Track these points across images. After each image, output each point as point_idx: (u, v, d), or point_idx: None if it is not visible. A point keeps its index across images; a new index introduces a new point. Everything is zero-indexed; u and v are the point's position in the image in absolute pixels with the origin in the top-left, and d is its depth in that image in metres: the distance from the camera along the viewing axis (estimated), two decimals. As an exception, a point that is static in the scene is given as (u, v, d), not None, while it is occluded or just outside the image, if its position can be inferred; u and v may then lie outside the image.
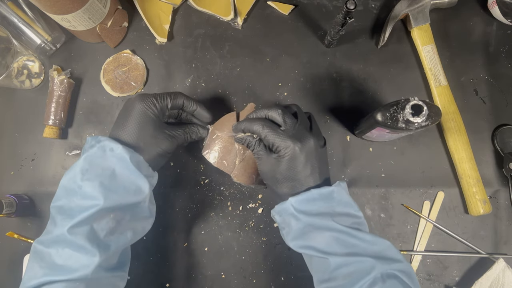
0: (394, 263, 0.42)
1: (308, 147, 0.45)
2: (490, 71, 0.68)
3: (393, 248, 0.44)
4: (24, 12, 0.64)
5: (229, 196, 0.64)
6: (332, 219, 0.43)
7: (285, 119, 0.47)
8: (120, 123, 0.48)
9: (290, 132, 0.46)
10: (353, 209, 0.45)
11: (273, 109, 0.48)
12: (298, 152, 0.45)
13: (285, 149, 0.45)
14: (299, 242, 0.44)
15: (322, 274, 0.44)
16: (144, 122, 0.47)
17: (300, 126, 0.47)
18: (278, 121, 0.48)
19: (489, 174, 0.64)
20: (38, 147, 0.66)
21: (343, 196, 0.45)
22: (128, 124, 0.47)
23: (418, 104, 0.49)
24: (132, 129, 0.47)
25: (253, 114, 0.51)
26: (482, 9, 0.70)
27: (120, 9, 0.66)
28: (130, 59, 0.67)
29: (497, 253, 0.62)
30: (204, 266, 0.62)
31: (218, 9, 0.69)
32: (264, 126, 0.46)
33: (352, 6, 0.53)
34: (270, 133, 0.46)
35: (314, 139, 0.46)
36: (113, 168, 0.43)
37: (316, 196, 0.44)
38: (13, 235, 0.62)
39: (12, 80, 0.65)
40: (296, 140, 0.45)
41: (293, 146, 0.44)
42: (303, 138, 0.45)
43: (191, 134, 0.54)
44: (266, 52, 0.69)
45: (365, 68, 0.68)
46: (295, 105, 0.52)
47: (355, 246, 0.42)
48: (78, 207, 0.42)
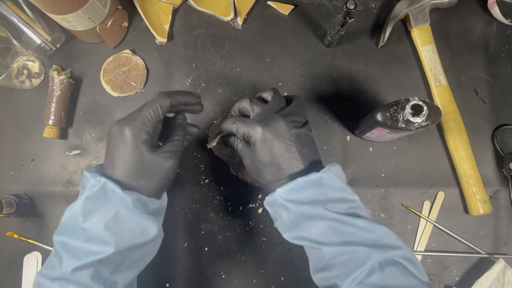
0: (393, 250, 0.40)
1: (278, 128, 0.43)
2: (490, 71, 0.68)
3: (391, 234, 0.41)
4: (24, 12, 0.64)
5: (229, 196, 0.64)
6: (324, 207, 0.40)
7: (252, 107, 0.46)
8: (113, 160, 0.42)
9: (258, 117, 0.45)
10: (347, 193, 0.42)
11: (242, 100, 0.48)
12: (268, 135, 0.43)
13: (254, 134, 0.43)
14: (292, 233, 0.42)
15: (317, 263, 0.43)
16: (138, 155, 0.41)
17: (269, 110, 0.45)
18: (248, 111, 0.47)
19: (489, 174, 0.64)
20: (38, 147, 0.66)
21: (334, 181, 0.42)
22: (121, 161, 0.41)
23: (418, 104, 0.49)
24: (128, 167, 0.41)
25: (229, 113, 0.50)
26: (482, 9, 0.70)
27: (120, 9, 0.66)
28: (130, 59, 0.67)
29: (497, 253, 0.62)
30: (204, 266, 0.62)
31: (218, 9, 0.69)
32: (235, 120, 0.45)
33: (352, 6, 0.53)
34: (240, 124, 0.45)
35: (285, 119, 0.44)
36: (116, 210, 0.40)
37: (304, 184, 0.41)
38: (13, 235, 0.62)
39: (12, 80, 0.65)
40: (263, 123, 0.43)
41: (261, 130, 0.43)
42: (271, 120, 0.44)
43: (187, 140, 0.51)
44: (266, 52, 0.69)
45: (365, 68, 0.68)
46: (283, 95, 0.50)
47: (350, 234, 0.40)
48: (84, 250, 0.39)
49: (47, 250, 0.62)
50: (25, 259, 0.62)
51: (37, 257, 0.62)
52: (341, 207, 0.41)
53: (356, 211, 0.42)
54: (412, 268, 0.39)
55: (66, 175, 0.65)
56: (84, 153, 0.66)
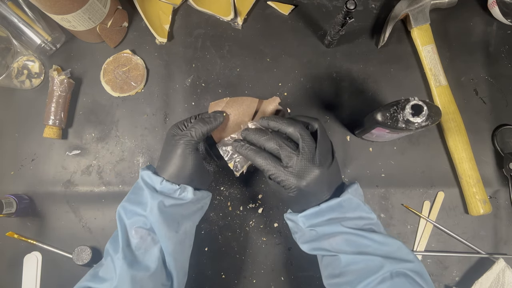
0: (405, 263, 0.42)
1: (312, 178, 0.43)
2: (490, 71, 0.68)
3: (404, 248, 0.44)
4: (24, 12, 0.64)
5: (229, 196, 0.64)
6: (341, 224, 0.43)
7: (284, 152, 0.44)
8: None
9: (293, 170, 0.43)
10: (364, 212, 0.45)
11: (292, 126, 0.45)
12: (302, 188, 0.43)
13: (289, 185, 0.44)
14: (310, 245, 0.46)
15: (332, 270, 0.45)
16: (198, 167, 0.49)
17: (303, 159, 0.43)
18: (277, 149, 0.45)
19: (489, 174, 0.64)
20: (38, 147, 0.66)
21: (352, 202, 0.45)
22: (186, 170, 0.48)
23: (418, 104, 0.49)
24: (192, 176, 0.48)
25: (267, 120, 0.47)
26: (482, 9, 0.70)
27: (120, 9, 0.66)
28: (130, 59, 0.67)
29: (497, 253, 0.62)
30: (204, 266, 0.62)
31: (218, 9, 0.69)
32: (267, 165, 0.44)
33: (352, 6, 0.53)
34: (273, 171, 0.44)
35: (320, 168, 0.43)
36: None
37: (325, 209, 0.44)
38: (13, 235, 0.62)
39: (12, 80, 0.65)
40: (298, 177, 0.43)
41: (295, 183, 0.43)
42: (306, 173, 0.43)
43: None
44: (266, 52, 0.69)
45: (365, 68, 0.68)
46: (314, 122, 0.47)
47: (366, 246, 0.43)
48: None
49: (47, 250, 0.62)
50: (25, 259, 0.62)
51: (37, 257, 0.62)
52: (358, 224, 0.44)
53: (372, 227, 0.45)
54: (421, 281, 0.42)
55: (66, 175, 0.65)
56: (84, 153, 0.66)
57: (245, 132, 0.48)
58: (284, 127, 0.46)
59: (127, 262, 0.43)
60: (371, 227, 0.45)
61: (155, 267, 0.44)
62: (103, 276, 0.44)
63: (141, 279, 0.43)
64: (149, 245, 0.45)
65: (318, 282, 0.61)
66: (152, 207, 0.44)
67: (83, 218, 0.63)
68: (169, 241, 0.45)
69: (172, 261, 0.45)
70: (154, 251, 0.45)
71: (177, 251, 0.46)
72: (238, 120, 0.53)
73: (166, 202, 0.45)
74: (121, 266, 0.43)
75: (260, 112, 0.53)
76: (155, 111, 0.67)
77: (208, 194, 0.52)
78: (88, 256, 0.60)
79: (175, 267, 0.45)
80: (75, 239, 0.62)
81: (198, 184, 0.50)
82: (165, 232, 0.44)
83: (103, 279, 0.44)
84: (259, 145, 0.46)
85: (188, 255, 0.50)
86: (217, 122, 0.50)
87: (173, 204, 0.46)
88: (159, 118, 0.67)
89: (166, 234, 0.44)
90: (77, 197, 0.64)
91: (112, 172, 0.65)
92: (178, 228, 0.46)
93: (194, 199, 0.47)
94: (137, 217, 0.45)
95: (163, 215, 0.45)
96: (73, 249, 0.60)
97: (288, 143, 0.45)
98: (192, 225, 0.49)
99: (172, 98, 0.67)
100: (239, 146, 0.47)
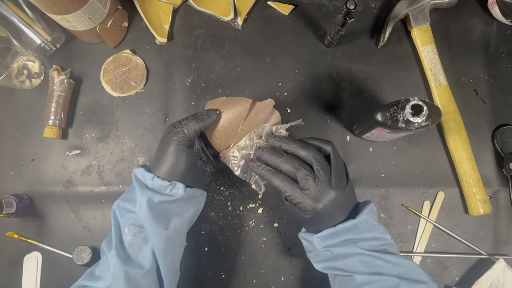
0: (420, 284, 0.43)
1: (328, 201, 0.44)
2: (490, 71, 0.68)
3: (418, 269, 0.44)
4: (24, 12, 0.64)
5: (229, 196, 0.64)
6: (356, 245, 0.44)
7: (301, 176, 0.44)
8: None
9: (310, 191, 0.44)
10: (379, 233, 0.45)
11: (305, 150, 0.46)
12: (320, 210, 0.44)
13: (306, 209, 0.44)
14: (324, 264, 0.46)
15: None
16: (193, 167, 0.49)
17: (319, 181, 0.44)
18: (294, 172, 0.45)
19: (489, 174, 0.64)
20: (38, 147, 0.66)
21: (368, 223, 0.45)
22: (179, 168, 0.48)
23: (418, 104, 0.49)
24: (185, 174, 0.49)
25: (279, 142, 0.47)
26: (482, 9, 0.70)
27: (120, 9, 0.66)
28: (130, 59, 0.67)
29: (497, 253, 0.62)
30: (204, 266, 0.62)
31: (218, 9, 0.69)
32: (284, 186, 0.45)
33: (352, 6, 0.53)
34: (289, 191, 0.44)
35: (337, 190, 0.44)
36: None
37: (341, 230, 0.44)
38: (13, 235, 0.62)
39: (12, 80, 0.65)
40: (316, 201, 0.43)
41: (312, 206, 0.44)
42: (323, 196, 0.43)
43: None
44: (266, 52, 0.69)
45: (365, 68, 0.68)
46: (327, 145, 0.47)
47: (380, 267, 0.43)
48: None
49: (47, 250, 0.62)
50: (25, 259, 0.62)
51: (37, 257, 0.62)
52: (372, 244, 0.44)
53: (386, 247, 0.45)
54: None
55: (66, 175, 0.65)
56: (84, 153, 0.66)
57: (259, 151, 0.48)
58: (297, 151, 0.46)
59: (120, 259, 0.43)
60: (386, 248, 0.45)
61: (150, 265, 0.44)
62: (99, 275, 0.45)
63: (135, 276, 0.43)
64: (142, 242, 0.45)
65: (318, 282, 0.61)
66: (141, 203, 0.45)
67: (83, 218, 0.63)
68: (158, 238, 0.44)
69: (162, 258, 0.45)
70: (147, 249, 0.45)
71: (168, 249, 0.45)
72: (230, 119, 0.53)
73: (156, 199, 0.45)
74: (115, 263, 0.43)
75: (253, 114, 0.53)
76: (155, 111, 0.67)
77: (202, 193, 0.52)
78: (88, 256, 0.60)
79: (164, 264, 0.45)
80: (75, 239, 0.62)
81: (192, 182, 0.50)
82: (154, 228, 0.44)
83: (99, 277, 0.44)
84: (275, 166, 0.46)
85: (179, 254, 0.49)
86: (210, 119, 0.50)
87: (163, 201, 0.46)
88: (159, 118, 0.67)
89: (155, 231, 0.44)
90: (77, 197, 0.64)
91: (112, 172, 0.65)
92: (168, 225, 0.46)
93: (185, 196, 0.47)
94: (130, 215, 0.46)
95: (153, 211, 0.45)
96: (73, 249, 0.60)
97: (304, 165, 0.45)
98: (183, 223, 0.48)
99: (172, 98, 0.67)
100: (255, 166, 0.47)
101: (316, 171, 0.44)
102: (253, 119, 0.52)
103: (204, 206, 0.63)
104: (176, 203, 0.47)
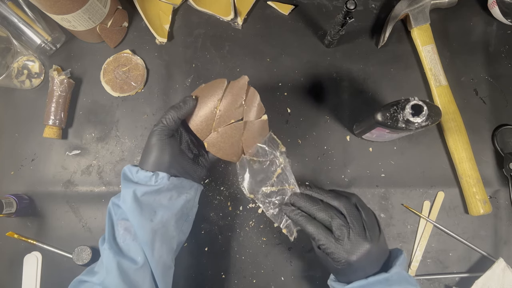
0: None
1: (364, 254, 0.43)
2: (490, 71, 0.68)
3: None
4: (24, 12, 0.64)
5: (229, 196, 0.64)
6: None
7: (336, 226, 0.44)
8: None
9: (344, 242, 0.43)
10: (410, 284, 0.44)
11: (337, 199, 0.45)
12: (353, 263, 0.43)
13: (338, 260, 0.44)
14: None
15: None
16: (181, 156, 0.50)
17: (353, 233, 0.43)
18: (329, 226, 0.45)
19: (489, 174, 0.64)
20: (38, 147, 0.66)
21: (400, 276, 0.44)
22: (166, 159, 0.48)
23: (418, 104, 0.49)
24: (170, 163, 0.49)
25: (312, 192, 0.47)
26: (482, 9, 0.70)
27: (120, 9, 0.66)
28: (130, 59, 0.67)
29: (497, 253, 0.62)
30: (204, 266, 0.62)
31: (218, 9, 0.69)
32: (319, 230, 0.44)
33: (352, 6, 0.53)
34: (323, 239, 0.44)
35: (371, 243, 0.43)
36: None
37: (372, 282, 0.43)
38: (13, 235, 0.62)
39: (12, 80, 0.65)
40: (350, 253, 0.43)
41: (347, 258, 0.43)
42: (357, 248, 0.43)
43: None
44: (266, 52, 0.69)
45: (365, 68, 0.68)
46: (352, 197, 0.47)
47: None
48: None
49: (47, 250, 0.62)
50: (25, 259, 0.62)
51: (37, 257, 0.62)
52: None
53: None
54: None
55: (66, 175, 0.65)
56: (84, 153, 0.66)
57: (293, 197, 0.48)
58: (328, 200, 0.46)
59: (113, 252, 0.44)
60: None
61: (143, 260, 0.44)
62: (97, 270, 0.45)
63: (128, 268, 0.43)
64: (133, 236, 0.45)
65: (318, 282, 0.61)
66: (125, 196, 0.45)
67: (83, 218, 0.63)
68: (142, 229, 0.44)
69: (149, 251, 0.44)
70: (138, 243, 0.45)
71: (154, 241, 0.45)
72: (208, 103, 0.51)
73: (140, 190, 0.45)
74: (107, 255, 0.44)
75: (228, 93, 0.51)
76: (155, 111, 0.67)
77: (192, 184, 0.51)
78: (88, 256, 0.60)
79: (152, 257, 0.45)
80: (75, 239, 0.62)
81: (182, 173, 0.50)
82: (138, 220, 0.44)
83: (96, 272, 0.45)
84: (310, 213, 0.46)
85: (170, 248, 0.48)
86: (188, 106, 0.49)
87: (147, 192, 0.46)
88: (159, 118, 0.66)
89: (139, 222, 0.44)
90: (77, 197, 0.64)
91: (112, 172, 0.65)
92: (153, 216, 0.46)
93: (170, 185, 0.47)
94: (120, 210, 0.46)
95: (137, 203, 0.45)
96: (73, 249, 0.60)
97: (339, 215, 0.44)
98: (170, 215, 0.48)
99: (172, 98, 0.67)
100: (289, 211, 0.47)
101: (350, 222, 0.44)
102: (229, 99, 0.50)
103: (204, 206, 0.63)
104: (163, 194, 0.47)
